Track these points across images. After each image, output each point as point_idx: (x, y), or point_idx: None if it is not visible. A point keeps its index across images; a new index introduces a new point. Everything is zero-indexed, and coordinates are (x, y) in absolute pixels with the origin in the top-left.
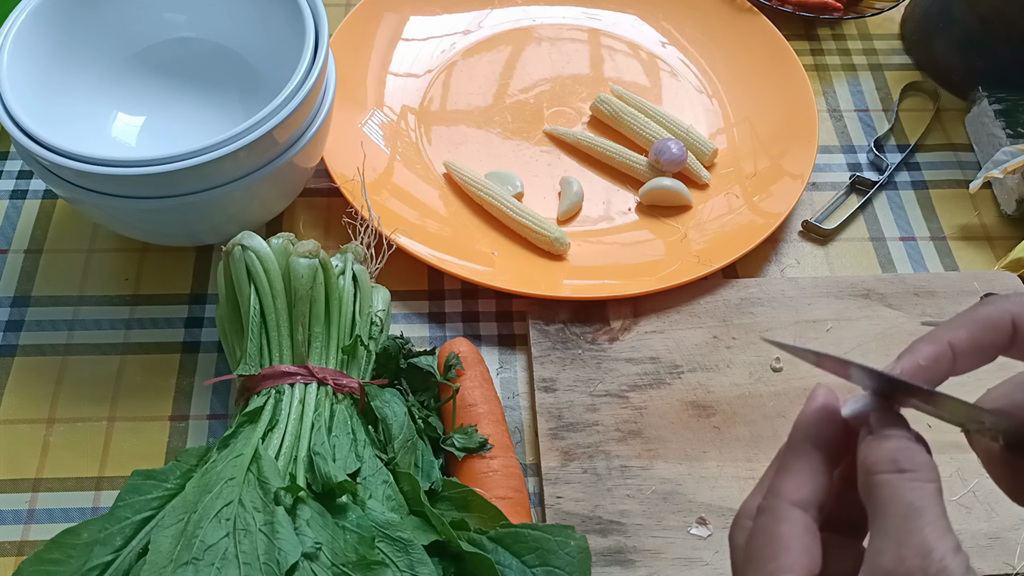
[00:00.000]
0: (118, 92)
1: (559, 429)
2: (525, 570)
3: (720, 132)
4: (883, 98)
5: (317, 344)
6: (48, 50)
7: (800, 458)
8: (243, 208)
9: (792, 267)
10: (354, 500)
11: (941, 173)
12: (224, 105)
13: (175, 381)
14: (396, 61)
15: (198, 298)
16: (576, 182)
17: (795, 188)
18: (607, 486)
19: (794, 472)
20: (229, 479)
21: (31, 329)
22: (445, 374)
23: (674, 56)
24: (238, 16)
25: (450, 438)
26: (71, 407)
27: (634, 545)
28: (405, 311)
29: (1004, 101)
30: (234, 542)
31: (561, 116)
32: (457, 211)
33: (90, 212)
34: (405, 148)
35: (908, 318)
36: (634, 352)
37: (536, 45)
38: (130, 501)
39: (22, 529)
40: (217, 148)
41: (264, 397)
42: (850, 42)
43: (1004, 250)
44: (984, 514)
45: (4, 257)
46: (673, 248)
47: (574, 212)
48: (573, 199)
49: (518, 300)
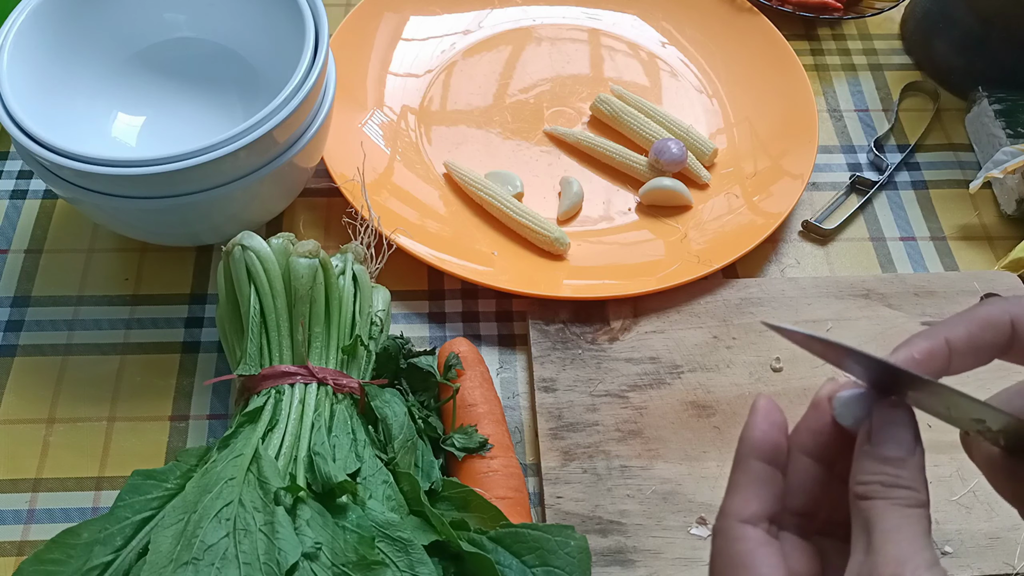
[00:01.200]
0: (118, 92)
1: (559, 429)
2: (525, 570)
3: (720, 132)
4: (883, 98)
5: (317, 344)
6: (48, 50)
7: (745, 473)
8: (243, 208)
9: (792, 267)
10: (354, 500)
11: (941, 173)
12: (224, 105)
13: (175, 381)
14: (396, 61)
15: (198, 298)
16: (576, 182)
17: (795, 188)
18: (607, 486)
19: (741, 488)
20: (229, 479)
21: (31, 329)
22: (445, 374)
23: (674, 56)
24: (238, 16)
25: (450, 438)
26: (71, 407)
27: (634, 545)
28: (405, 311)
29: (1004, 101)
30: (234, 542)
31: (561, 116)
32: (457, 211)
33: (90, 212)
34: (405, 148)
35: (908, 318)
36: (634, 352)
37: (536, 45)
38: (130, 501)
39: (22, 529)
40: (217, 148)
41: (264, 397)
42: (850, 42)
43: (1004, 250)
44: (984, 514)
45: (4, 257)
46: (673, 248)
47: (574, 212)
48: (573, 199)
49: (518, 300)
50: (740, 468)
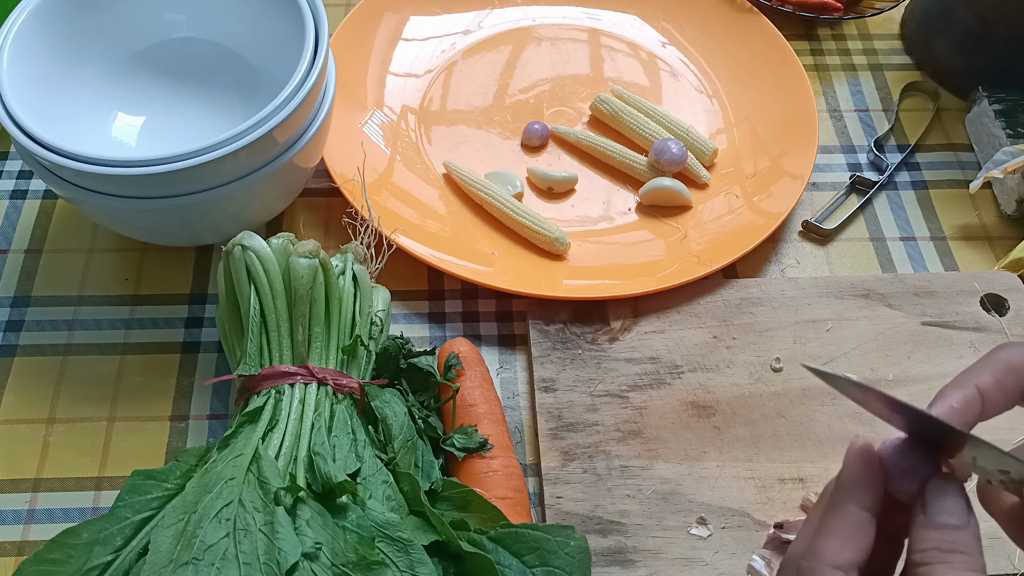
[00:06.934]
0: (118, 92)
1: (559, 429)
2: (525, 570)
3: (720, 132)
4: (883, 98)
5: (317, 344)
6: (48, 50)
7: (842, 518)
8: (243, 208)
9: (792, 267)
10: (354, 500)
11: (941, 173)
12: (224, 105)
13: (175, 381)
14: (396, 61)
15: (198, 298)
16: None
17: (795, 188)
18: (607, 486)
19: (835, 532)
20: (229, 479)
21: (31, 329)
22: (445, 374)
23: (674, 56)
24: (238, 16)
25: (450, 438)
26: (71, 407)
27: (634, 545)
28: (405, 311)
29: (1004, 101)
30: (234, 542)
31: (561, 116)
32: (457, 211)
33: (90, 212)
34: (405, 148)
35: (908, 318)
36: (634, 352)
37: (536, 45)
38: (130, 501)
39: (22, 529)
40: (217, 148)
41: (264, 397)
42: (850, 42)
43: (1004, 250)
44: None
45: (4, 257)
46: (673, 248)
47: (565, 188)
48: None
49: (518, 300)
50: (837, 513)
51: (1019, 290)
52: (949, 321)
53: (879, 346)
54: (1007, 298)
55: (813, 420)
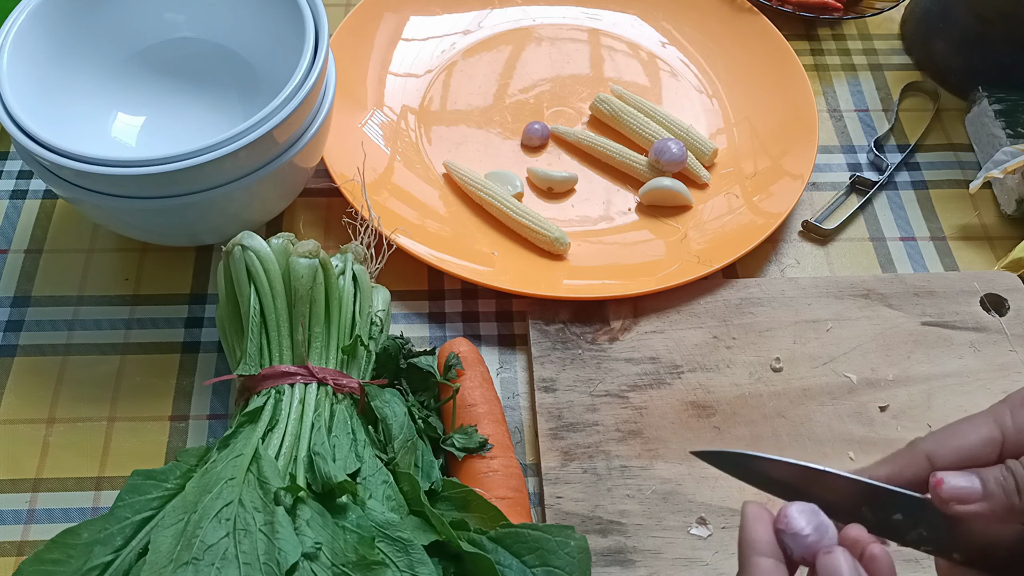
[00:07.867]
0: (118, 92)
1: (559, 429)
2: (525, 570)
3: (720, 132)
4: (883, 98)
5: (317, 344)
6: (48, 50)
7: (753, 570)
8: (243, 208)
9: (792, 267)
10: (354, 500)
11: (941, 173)
12: (224, 105)
13: (175, 381)
14: (396, 61)
15: (198, 298)
16: None
17: (795, 188)
18: (607, 486)
19: None
20: (229, 479)
21: (31, 329)
22: (445, 374)
23: (674, 56)
24: (238, 16)
25: (450, 438)
26: (71, 407)
27: (634, 545)
28: (405, 311)
29: (1004, 101)
30: (234, 542)
31: (561, 116)
32: (457, 211)
33: (90, 212)
34: (405, 148)
35: (908, 318)
36: (634, 352)
37: (536, 45)
38: (130, 501)
39: (22, 529)
40: (217, 148)
41: (264, 397)
42: (850, 42)
43: (1004, 250)
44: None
45: (4, 257)
46: (673, 248)
47: (564, 188)
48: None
49: (518, 300)
50: (748, 569)
51: (1019, 290)
52: (949, 321)
53: (879, 346)
54: (1007, 298)
55: (813, 420)
